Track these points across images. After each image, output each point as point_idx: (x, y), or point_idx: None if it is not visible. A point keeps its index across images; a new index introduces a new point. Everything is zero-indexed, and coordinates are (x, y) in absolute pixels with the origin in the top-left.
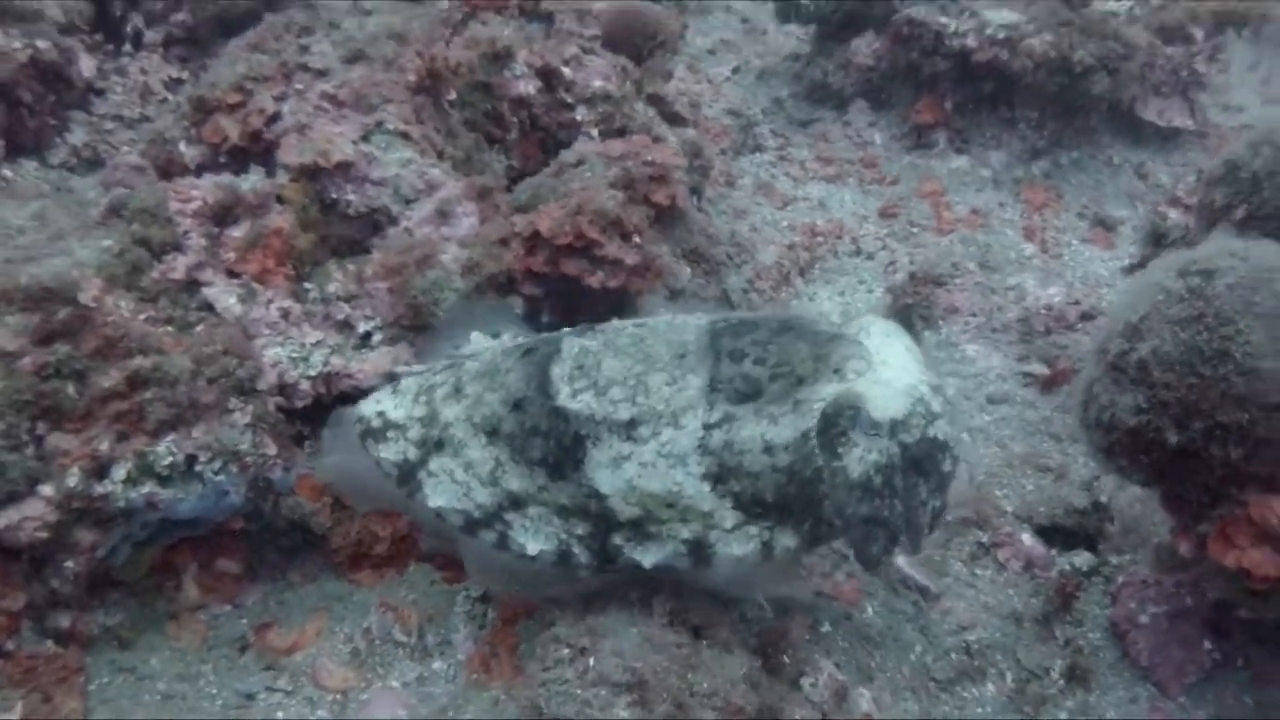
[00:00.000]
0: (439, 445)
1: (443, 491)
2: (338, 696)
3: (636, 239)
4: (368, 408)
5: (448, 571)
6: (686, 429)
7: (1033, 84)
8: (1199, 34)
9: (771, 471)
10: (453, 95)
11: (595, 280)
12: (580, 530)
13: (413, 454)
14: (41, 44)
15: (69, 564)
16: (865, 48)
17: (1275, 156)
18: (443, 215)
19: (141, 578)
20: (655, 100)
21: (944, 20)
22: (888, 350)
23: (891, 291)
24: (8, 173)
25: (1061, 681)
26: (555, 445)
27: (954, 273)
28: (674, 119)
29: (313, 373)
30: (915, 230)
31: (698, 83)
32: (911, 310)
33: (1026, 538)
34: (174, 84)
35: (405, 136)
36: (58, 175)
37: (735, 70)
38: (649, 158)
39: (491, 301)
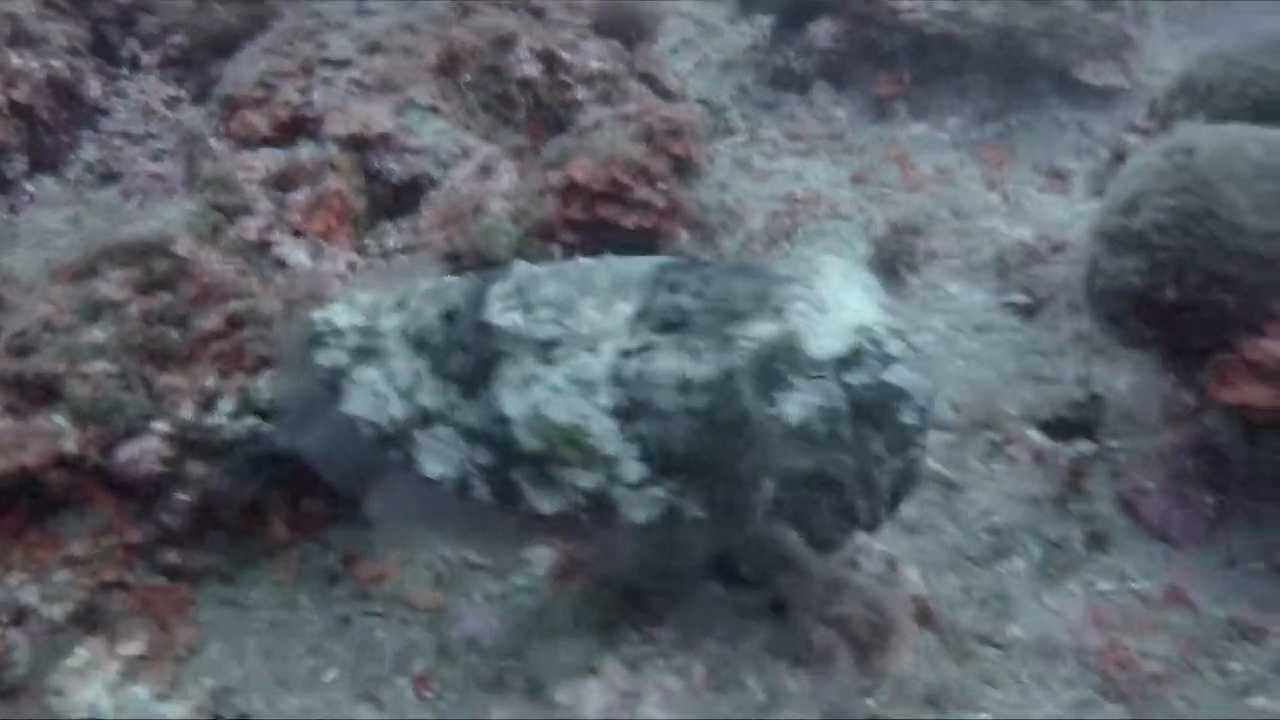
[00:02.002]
0: (369, 354)
1: (361, 401)
2: (429, 615)
3: (662, 185)
4: (319, 314)
5: None
6: (601, 355)
7: (981, 53)
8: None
9: (685, 414)
10: (468, 78)
11: (630, 221)
12: (482, 459)
13: (343, 360)
14: (56, 63)
15: (182, 496)
16: (823, 31)
17: (1223, 68)
18: (485, 171)
19: (235, 517)
20: (648, 79)
21: None
22: (843, 291)
23: (875, 243)
24: (30, 188)
25: (1084, 550)
26: (473, 360)
27: (929, 222)
28: (667, 95)
29: None
30: (887, 191)
31: (679, 86)
32: (896, 258)
33: (1033, 433)
34: (173, 102)
35: (436, 110)
36: (74, 190)
37: (698, 65)
38: (664, 113)
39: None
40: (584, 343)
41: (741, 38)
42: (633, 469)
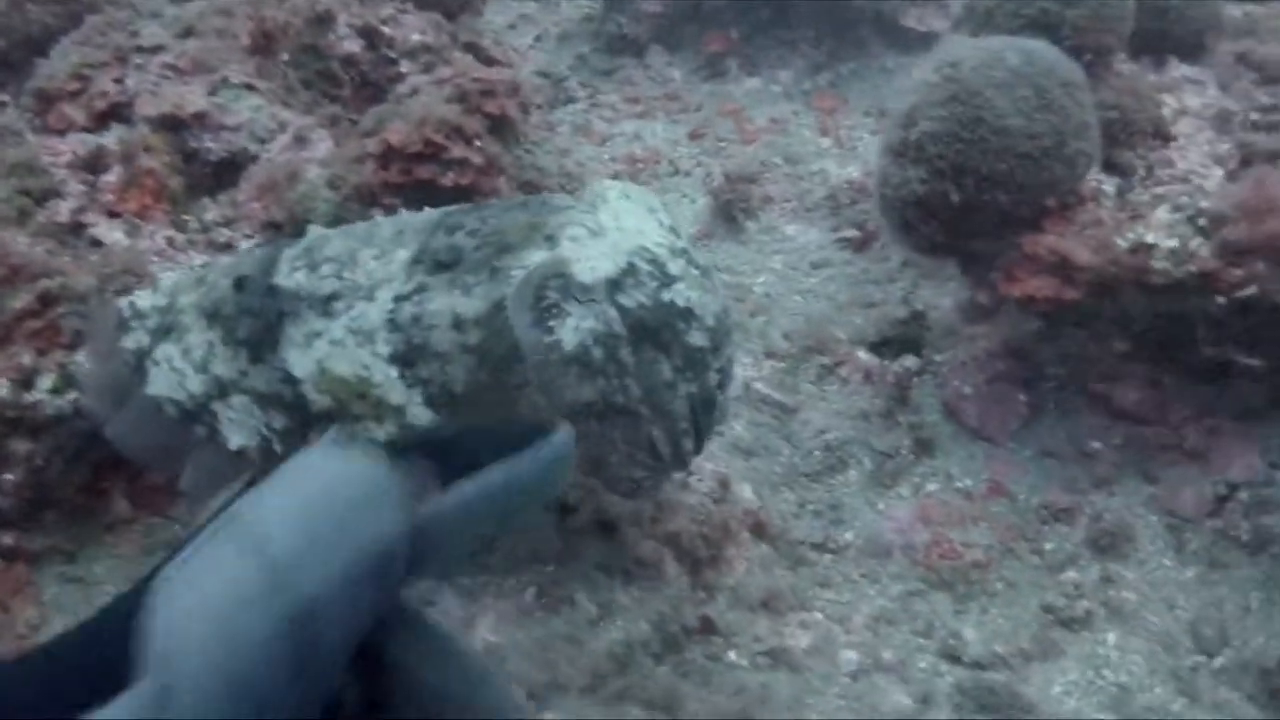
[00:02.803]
0: (168, 331)
1: (162, 379)
2: None
3: (478, 143)
4: (124, 299)
5: None
6: (378, 302)
7: (807, 7)
8: None
9: (461, 352)
10: (286, 57)
11: (448, 180)
12: (278, 424)
13: (146, 341)
14: None
15: (9, 476)
16: None
17: None
18: (300, 141)
19: (73, 495)
20: (472, 48)
21: None
22: (624, 215)
23: (711, 193)
24: None
25: (911, 456)
26: (260, 324)
27: (764, 170)
28: (491, 62)
29: None
30: (724, 145)
31: (504, 54)
32: (731, 204)
33: (862, 354)
34: None
35: (251, 88)
36: None
37: (537, 39)
38: (476, 75)
39: None
40: (362, 292)
41: (578, 9)
42: (421, 415)
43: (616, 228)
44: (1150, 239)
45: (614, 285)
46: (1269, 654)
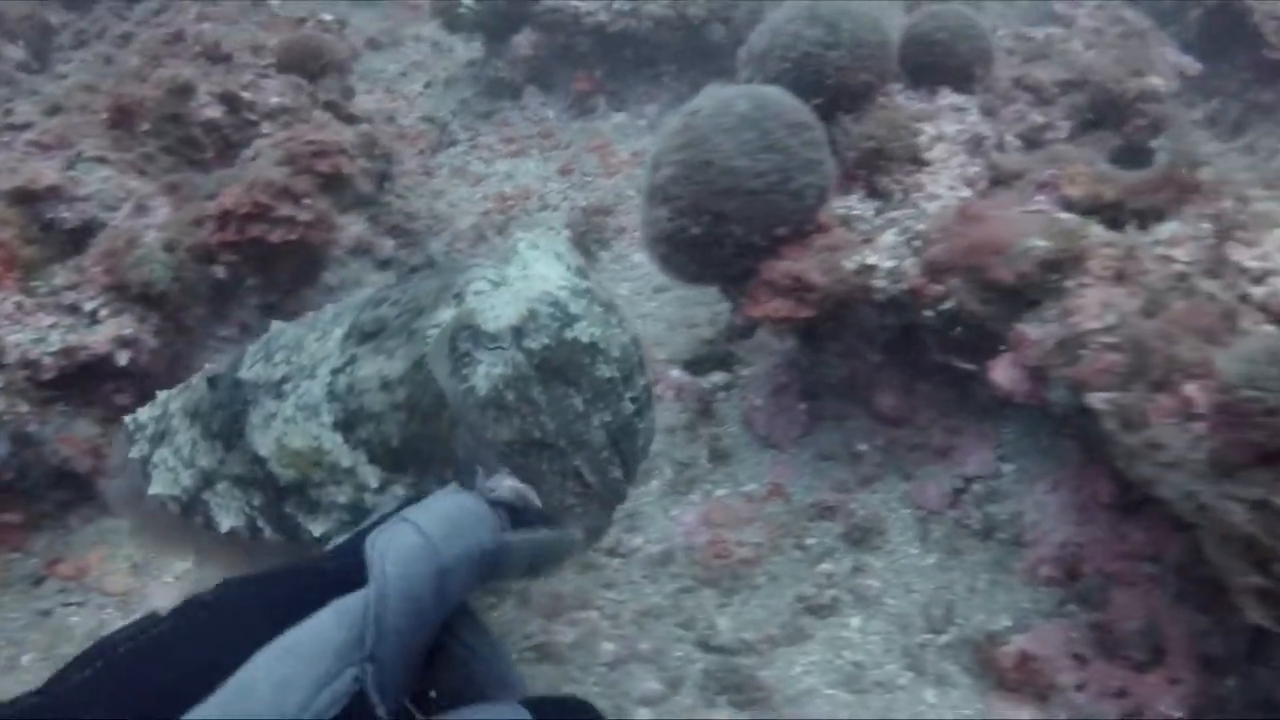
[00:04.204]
0: (163, 436)
1: (160, 479)
2: (122, 598)
3: (306, 201)
4: (130, 415)
5: None
6: (319, 378)
7: (667, 43)
8: None
9: (392, 410)
10: (146, 127)
11: (276, 236)
12: (257, 501)
13: (146, 449)
14: None
15: None
16: (525, 41)
17: (770, 35)
18: (141, 209)
19: None
20: (331, 107)
21: (577, 3)
22: (532, 264)
23: (570, 226)
24: None
25: (708, 465)
26: (228, 414)
27: (619, 202)
28: (350, 119)
29: (53, 349)
30: (589, 179)
31: (393, 100)
32: (586, 236)
33: (675, 372)
34: None
35: (103, 160)
36: None
37: (427, 85)
38: (309, 138)
39: None
40: (306, 372)
41: (471, 53)
42: (369, 473)
43: (521, 276)
44: (872, 260)
45: (518, 331)
46: (986, 629)
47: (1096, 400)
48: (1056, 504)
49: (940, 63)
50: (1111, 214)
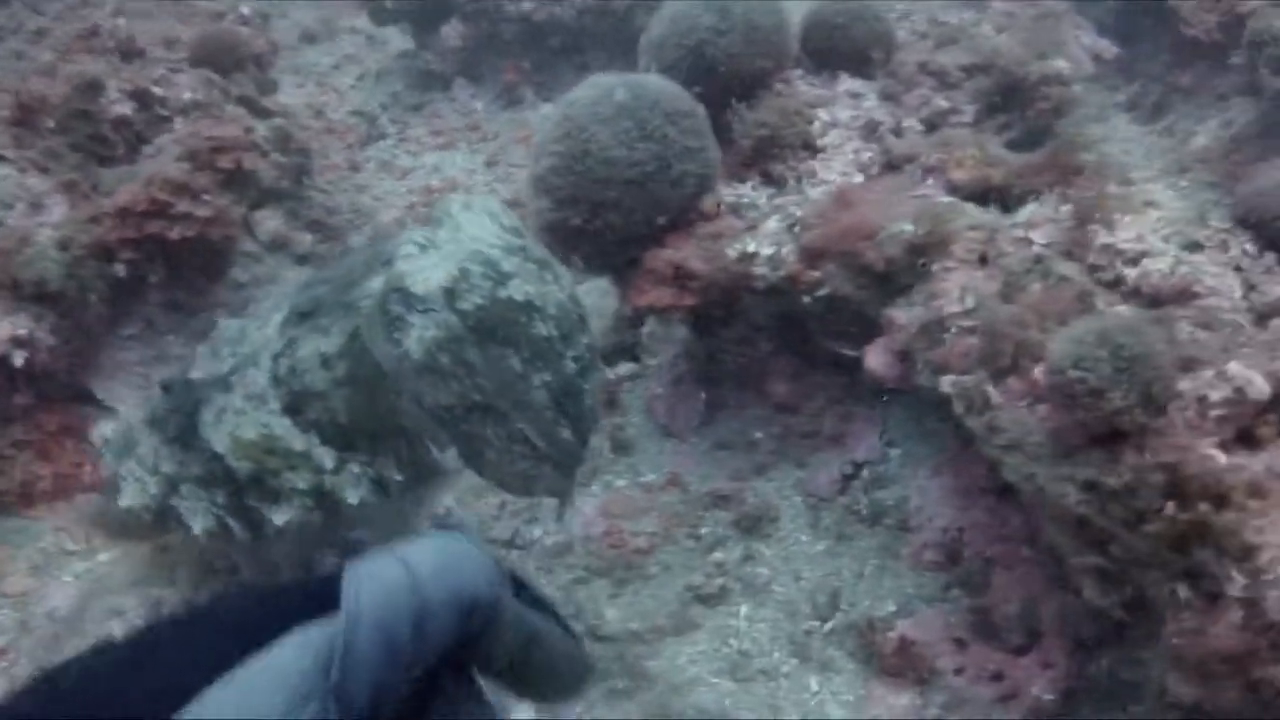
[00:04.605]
0: (128, 449)
1: (130, 492)
2: (19, 599)
3: (206, 197)
4: (96, 432)
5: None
6: (261, 365)
7: (594, 31)
8: None
9: (335, 386)
10: (51, 124)
11: (175, 233)
12: (220, 499)
13: (113, 464)
14: None
15: None
16: (453, 32)
17: (669, 23)
18: (35, 207)
19: None
20: (245, 101)
21: None
22: (465, 225)
23: None
24: None
25: (611, 455)
26: (183, 417)
27: None
28: (265, 114)
29: None
30: (514, 170)
31: (324, 94)
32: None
33: None
34: None
35: (2, 159)
36: None
37: (360, 78)
38: (208, 134)
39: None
40: (250, 361)
41: (399, 48)
42: (323, 455)
43: (451, 239)
44: (753, 248)
45: (449, 293)
46: (870, 615)
47: (945, 384)
48: (939, 489)
49: (839, 48)
50: (1000, 198)
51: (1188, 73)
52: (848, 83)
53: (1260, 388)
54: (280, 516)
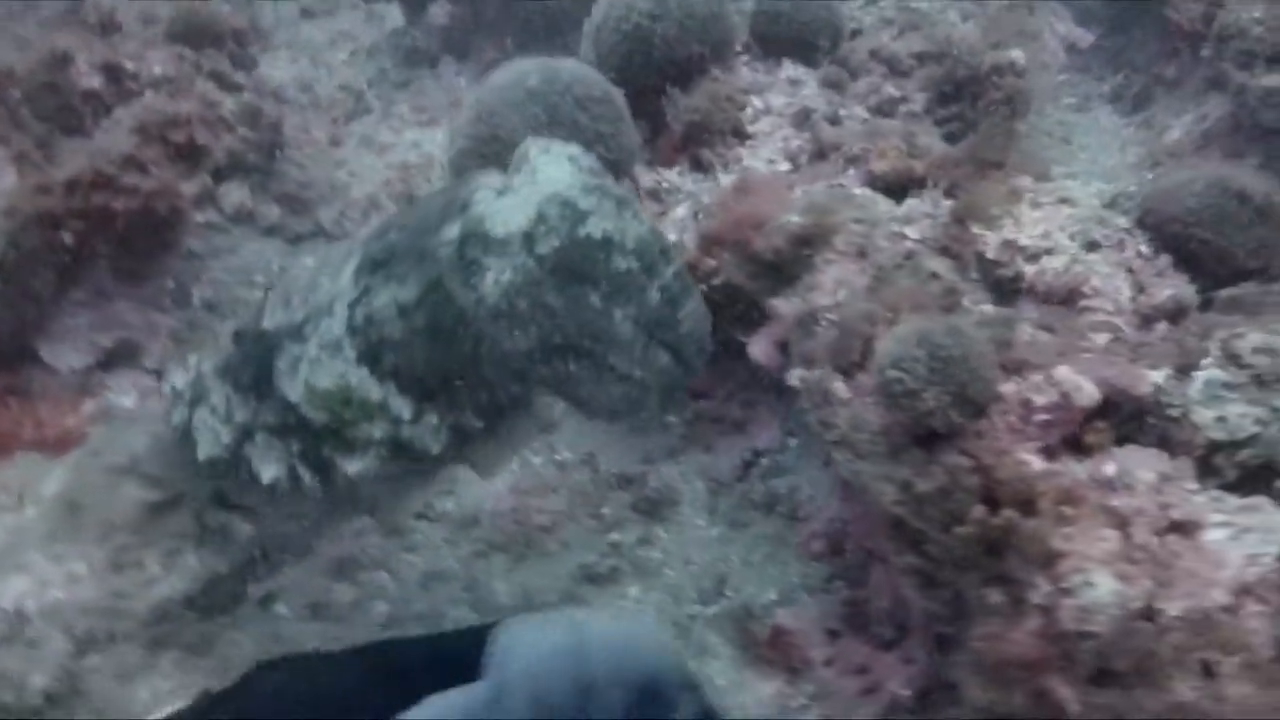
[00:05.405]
0: (200, 399)
1: (204, 442)
2: None
3: (154, 170)
4: (164, 384)
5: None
6: (336, 315)
7: (569, 10)
8: None
9: (412, 335)
10: (17, 95)
11: (119, 205)
12: (295, 448)
13: (184, 414)
14: None
15: None
16: (440, 11)
17: (608, 6)
18: None
19: None
20: (216, 76)
21: None
22: (542, 168)
23: None
24: None
25: (535, 434)
26: (257, 366)
27: None
28: (234, 88)
29: None
30: None
31: (315, 69)
32: None
33: None
34: None
35: None
36: None
37: (352, 54)
38: (160, 108)
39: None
40: (324, 310)
41: (391, 25)
42: (399, 405)
43: (529, 182)
44: None
45: (528, 236)
46: (752, 602)
47: (792, 377)
48: (828, 479)
49: (784, 34)
50: (921, 190)
51: (1172, 64)
52: (790, 69)
53: (1089, 393)
54: (354, 466)
